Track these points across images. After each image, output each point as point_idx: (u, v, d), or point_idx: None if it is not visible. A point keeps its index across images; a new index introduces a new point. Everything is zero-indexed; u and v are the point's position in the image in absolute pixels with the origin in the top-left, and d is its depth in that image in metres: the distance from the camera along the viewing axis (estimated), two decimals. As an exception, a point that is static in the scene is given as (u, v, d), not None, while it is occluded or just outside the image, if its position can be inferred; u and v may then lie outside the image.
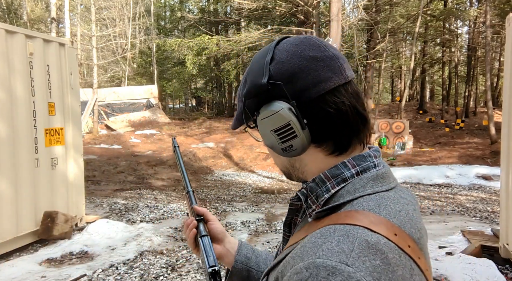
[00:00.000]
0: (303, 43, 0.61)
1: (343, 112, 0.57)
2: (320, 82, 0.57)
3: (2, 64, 3.88)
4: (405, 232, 0.53)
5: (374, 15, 16.73)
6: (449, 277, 3.28)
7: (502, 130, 3.63)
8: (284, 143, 0.60)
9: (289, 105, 0.57)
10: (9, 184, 3.95)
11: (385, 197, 0.56)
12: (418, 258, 0.52)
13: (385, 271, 0.46)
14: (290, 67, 0.58)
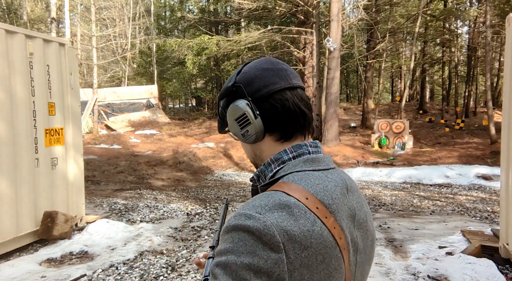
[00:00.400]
0: (261, 60, 0.83)
1: (286, 108, 0.76)
2: (269, 84, 0.77)
3: (2, 64, 3.88)
4: (316, 198, 0.68)
5: (374, 15, 16.73)
6: (449, 277, 3.29)
7: (502, 130, 3.63)
8: (242, 129, 0.78)
9: (246, 101, 0.76)
10: (9, 184, 3.95)
11: (309, 174, 0.72)
12: (325, 217, 0.66)
13: (288, 219, 0.63)
14: (249, 75, 0.79)
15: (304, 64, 16.75)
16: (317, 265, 0.63)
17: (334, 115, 13.29)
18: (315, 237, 0.63)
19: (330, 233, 0.65)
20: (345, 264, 0.67)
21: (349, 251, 0.69)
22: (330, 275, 0.65)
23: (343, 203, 0.72)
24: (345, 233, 0.68)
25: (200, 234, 5.01)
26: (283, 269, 0.60)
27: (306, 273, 0.62)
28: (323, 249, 0.64)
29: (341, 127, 17.45)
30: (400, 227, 5.23)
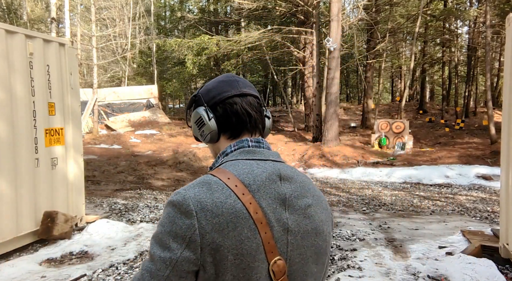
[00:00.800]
0: (221, 75, 0.99)
1: (234, 111, 0.90)
2: (222, 93, 0.92)
3: (2, 64, 3.88)
4: (238, 178, 0.80)
5: (374, 15, 16.72)
6: (449, 277, 3.29)
7: (502, 130, 3.63)
8: (199, 130, 0.93)
9: (203, 107, 0.92)
10: (9, 184, 3.95)
11: (240, 161, 0.85)
12: (242, 194, 0.77)
13: (204, 192, 0.77)
14: (207, 87, 0.96)
15: (304, 64, 16.75)
16: (229, 231, 0.74)
17: (334, 115, 13.29)
18: (227, 207, 0.75)
19: (244, 207, 0.76)
20: (261, 236, 0.77)
21: (271, 227, 0.78)
22: (241, 242, 0.75)
23: (269, 187, 0.81)
24: (264, 210, 0.78)
25: (200, 234, 5.00)
26: (194, 232, 0.74)
27: (217, 237, 0.74)
28: (235, 218, 0.75)
29: (341, 127, 17.45)
30: (400, 227, 5.23)
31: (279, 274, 0.79)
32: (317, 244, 0.86)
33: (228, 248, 0.74)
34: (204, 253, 0.74)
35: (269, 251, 0.78)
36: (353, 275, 3.51)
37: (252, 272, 0.76)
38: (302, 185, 0.87)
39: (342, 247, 4.38)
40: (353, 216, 6.02)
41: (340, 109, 20.59)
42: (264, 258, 0.77)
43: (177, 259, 0.74)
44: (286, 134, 16.97)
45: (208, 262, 0.74)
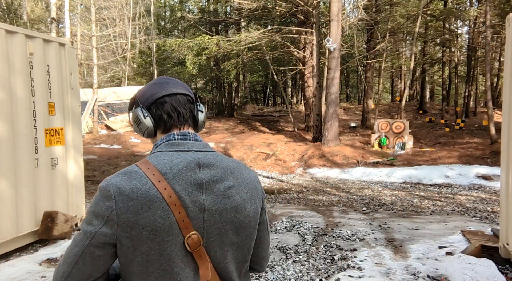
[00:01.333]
0: (154, 79, 1.14)
1: (165, 109, 1.05)
2: (154, 94, 1.07)
3: (2, 64, 3.88)
4: (156, 168, 0.94)
5: (374, 15, 16.72)
6: (449, 277, 3.28)
7: (502, 130, 3.63)
8: (138, 127, 1.08)
9: (139, 108, 1.07)
10: (9, 184, 3.95)
11: (163, 153, 0.99)
12: (158, 181, 0.92)
13: (124, 180, 0.93)
14: (142, 90, 1.11)
15: (304, 64, 16.75)
16: (143, 212, 0.90)
17: (334, 115, 13.29)
18: (142, 193, 0.90)
19: (158, 192, 0.91)
20: (175, 216, 0.91)
21: (185, 208, 0.93)
22: (155, 221, 0.90)
23: (186, 174, 0.96)
24: (178, 194, 0.93)
25: (200, 234, 5.00)
26: (112, 212, 0.90)
27: (131, 216, 0.89)
28: (149, 202, 0.90)
29: (341, 127, 17.45)
30: (400, 227, 5.23)
31: (193, 246, 0.94)
32: (237, 219, 1.00)
33: (142, 226, 0.89)
34: (119, 230, 0.90)
35: (184, 228, 0.93)
36: (353, 275, 3.51)
37: (167, 244, 0.92)
38: (224, 170, 1.01)
39: (342, 247, 4.38)
40: (353, 216, 6.02)
41: (340, 109, 20.60)
42: (178, 233, 0.92)
43: (95, 232, 0.91)
44: (286, 134, 16.97)
45: (124, 236, 0.90)
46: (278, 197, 7.99)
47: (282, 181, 10.30)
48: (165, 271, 0.92)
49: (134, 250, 0.91)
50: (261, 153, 13.27)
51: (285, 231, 5.09)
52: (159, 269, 0.92)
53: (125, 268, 0.95)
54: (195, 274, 0.96)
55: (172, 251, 0.92)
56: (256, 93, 37.81)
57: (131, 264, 0.92)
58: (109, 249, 0.93)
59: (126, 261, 0.93)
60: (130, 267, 0.93)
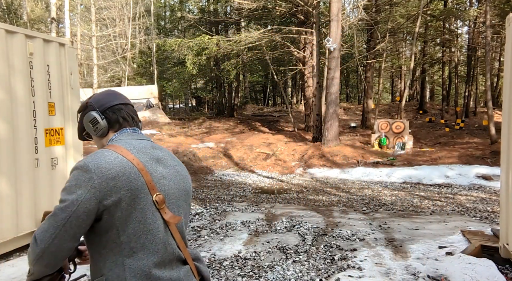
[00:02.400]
0: (105, 90, 1.40)
1: (121, 114, 1.34)
2: (110, 101, 1.34)
3: (2, 64, 3.88)
4: (123, 147, 1.21)
5: (374, 15, 16.72)
6: (449, 277, 3.29)
7: (502, 130, 3.63)
8: (94, 127, 1.31)
9: (95, 111, 1.31)
10: (9, 184, 3.95)
11: (123, 140, 1.26)
12: (127, 155, 1.18)
13: (100, 157, 1.15)
14: (97, 97, 1.35)
15: (304, 64, 16.75)
16: (119, 177, 1.13)
17: (334, 115, 13.29)
18: (116, 163, 1.14)
19: (129, 161, 1.17)
20: (145, 179, 1.17)
21: (150, 174, 1.19)
22: (130, 182, 1.14)
23: (146, 151, 1.25)
24: (144, 163, 1.20)
25: (200, 234, 5.01)
26: (94, 182, 1.11)
27: (110, 182, 1.11)
28: (123, 169, 1.14)
29: (341, 127, 17.45)
30: (400, 227, 5.23)
31: (161, 203, 1.20)
32: (185, 188, 1.32)
33: (120, 187, 1.12)
34: (101, 194, 1.11)
35: (151, 188, 1.18)
36: (353, 275, 3.51)
37: (140, 200, 1.15)
38: (169, 154, 1.34)
39: (342, 247, 4.38)
40: (353, 216, 6.02)
41: (340, 109, 20.59)
42: (148, 192, 1.17)
43: (81, 199, 1.10)
44: (286, 134, 16.98)
45: (106, 199, 1.11)
46: (278, 197, 7.99)
47: (282, 181, 10.30)
48: (139, 222, 1.15)
49: (116, 207, 1.11)
50: (261, 153, 13.27)
51: (285, 231, 5.09)
52: (135, 220, 1.14)
53: (106, 225, 1.14)
54: (165, 226, 1.21)
55: (144, 206, 1.16)
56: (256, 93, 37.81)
57: (113, 219, 1.12)
58: (92, 214, 1.12)
59: (108, 218, 1.13)
60: (113, 223, 1.13)
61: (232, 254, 4.21)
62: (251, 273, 3.68)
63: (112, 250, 1.15)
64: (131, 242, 1.15)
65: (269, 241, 4.65)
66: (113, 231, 1.14)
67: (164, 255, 1.20)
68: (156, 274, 1.17)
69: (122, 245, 1.14)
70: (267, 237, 4.81)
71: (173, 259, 1.23)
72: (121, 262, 1.15)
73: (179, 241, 1.26)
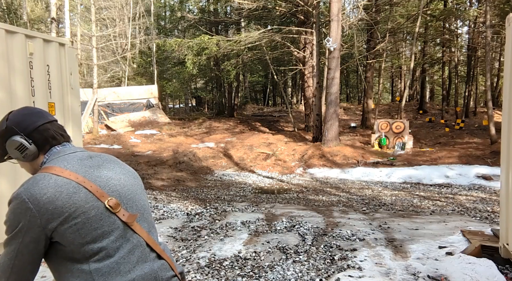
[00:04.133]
0: (21, 109, 1.28)
1: (49, 134, 1.25)
2: (34, 122, 1.23)
3: (2, 64, 3.88)
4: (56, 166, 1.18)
5: (374, 15, 16.72)
6: (449, 277, 3.29)
7: (502, 130, 3.63)
8: (22, 154, 1.22)
9: (19, 136, 1.21)
10: (9, 184, 3.95)
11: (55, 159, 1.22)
12: (61, 172, 1.14)
13: (32, 185, 1.11)
14: (16, 119, 1.23)
15: (304, 64, 16.74)
16: (57, 198, 1.10)
17: (334, 115, 13.29)
18: (50, 186, 1.11)
19: (65, 178, 1.13)
20: (89, 189, 1.14)
21: (94, 181, 1.17)
22: (70, 198, 1.11)
23: (83, 162, 1.21)
24: (84, 175, 1.16)
25: (200, 234, 5.01)
26: (32, 211, 1.09)
27: (49, 206, 1.09)
28: (59, 188, 1.11)
29: (341, 127, 17.45)
30: (400, 227, 5.23)
31: (115, 207, 1.18)
32: (137, 183, 1.32)
33: (62, 206, 1.10)
34: (44, 221, 1.09)
35: (100, 196, 1.16)
36: (353, 275, 3.51)
37: (91, 210, 1.13)
38: (108, 158, 1.30)
39: (342, 247, 4.38)
40: (353, 216, 6.02)
41: (340, 109, 20.59)
42: (96, 200, 1.15)
43: (25, 229, 1.09)
44: (286, 134, 16.97)
45: (51, 221, 1.09)
46: (278, 197, 7.99)
47: (282, 181, 10.30)
48: (96, 228, 1.14)
49: (65, 226, 1.10)
50: (261, 153, 13.27)
51: (285, 231, 5.10)
52: (91, 229, 1.13)
53: (63, 242, 1.13)
54: (125, 226, 1.20)
55: (96, 213, 1.14)
56: (256, 93, 37.81)
57: (67, 236, 1.11)
58: (40, 240, 1.12)
59: (62, 237, 1.12)
60: (68, 239, 1.12)
61: (232, 254, 4.21)
62: (251, 273, 3.68)
63: (77, 260, 1.15)
64: (94, 248, 1.14)
65: (269, 241, 4.65)
66: (72, 245, 1.13)
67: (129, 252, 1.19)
68: (128, 268, 1.17)
69: (86, 253, 1.14)
70: (267, 237, 4.81)
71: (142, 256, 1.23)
72: (87, 268, 1.14)
73: (147, 239, 1.24)
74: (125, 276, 1.17)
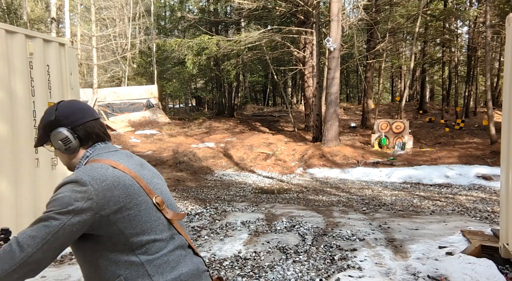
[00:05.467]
0: (72, 102, 1.33)
1: (95, 131, 1.30)
2: (81, 118, 1.28)
3: (2, 64, 3.88)
4: (108, 159, 1.22)
5: (374, 15, 16.72)
6: (449, 277, 3.29)
7: (502, 130, 3.63)
8: (65, 146, 1.26)
9: (66, 128, 1.26)
10: (9, 184, 3.95)
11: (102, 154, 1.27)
12: (116, 165, 1.20)
13: (91, 170, 1.15)
14: (65, 112, 1.28)
15: (304, 64, 16.74)
16: (115, 187, 1.14)
17: (334, 115, 13.29)
18: (109, 174, 1.15)
19: (121, 171, 1.19)
20: (140, 184, 1.21)
21: (143, 178, 1.24)
22: (127, 189, 1.16)
23: (129, 159, 1.28)
24: (134, 170, 1.23)
25: (200, 234, 5.01)
26: (90, 193, 1.10)
27: (107, 193, 1.12)
28: (117, 179, 1.16)
29: (341, 127, 17.45)
30: (400, 227, 5.23)
31: (161, 204, 1.24)
32: (165, 185, 1.38)
33: (118, 196, 1.14)
34: (98, 205, 1.11)
35: (149, 192, 1.22)
36: (353, 275, 3.51)
37: (142, 203, 1.19)
38: (143, 160, 1.38)
39: (342, 247, 4.38)
40: (353, 216, 6.02)
41: (340, 109, 20.59)
42: (146, 196, 1.21)
43: (78, 209, 1.09)
44: (286, 134, 16.97)
45: (105, 208, 1.12)
46: (278, 197, 7.99)
47: (282, 181, 10.30)
48: (145, 221, 1.19)
49: (117, 215, 1.13)
50: (261, 153, 13.27)
51: (285, 231, 5.09)
52: (141, 221, 1.18)
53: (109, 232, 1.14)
54: (169, 224, 1.26)
55: (146, 207, 1.20)
56: (256, 93, 37.81)
57: (117, 226, 1.14)
58: (86, 225, 1.11)
59: (111, 226, 1.13)
60: (118, 229, 1.14)
61: (232, 254, 4.21)
62: (251, 273, 3.68)
63: (122, 252, 1.16)
64: (142, 240, 1.18)
65: (269, 241, 4.65)
66: (120, 236, 1.15)
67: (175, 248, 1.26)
68: (177, 263, 1.24)
69: (133, 245, 1.17)
70: (267, 237, 4.81)
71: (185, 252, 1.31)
72: (137, 260, 1.17)
73: (185, 236, 1.31)
74: (175, 270, 1.22)
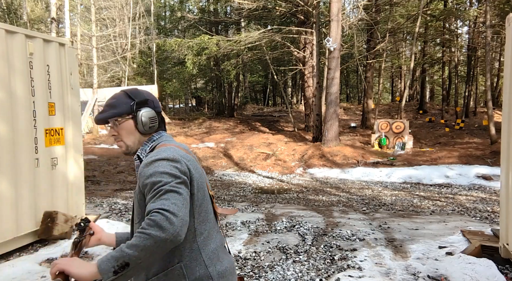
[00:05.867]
0: (148, 91, 1.47)
1: (161, 118, 1.43)
2: (159, 106, 1.42)
3: (2, 64, 3.88)
4: (179, 146, 1.34)
5: (374, 15, 16.71)
6: (449, 277, 3.29)
7: (502, 130, 3.63)
8: (151, 124, 1.38)
9: (151, 109, 1.39)
10: (9, 184, 3.95)
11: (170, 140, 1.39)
12: (187, 153, 1.33)
13: (176, 150, 1.28)
14: (150, 97, 1.43)
15: (304, 64, 16.74)
16: (195, 168, 1.29)
17: (334, 115, 13.29)
18: (190, 158, 1.30)
19: (192, 156, 1.33)
20: (203, 170, 1.37)
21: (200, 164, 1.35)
22: (201, 175, 1.32)
23: (188, 152, 1.36)
24: (196, 159, 1.37)
25: (200, 234, 5.00)
26: (187, 168, 1.25)
27: (193, 171, 1.27)
28: (194, 162, 1.30)
29: (341, 127, 17.45)
30: (400, 227, 5.23)
31: (214, 197, 1.40)
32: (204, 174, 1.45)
33: (197, 178, 1.28)
34: (190, 179, 1.24)
35: (208, 185, 1.36)
36: (353, 275, 3.51)
37: (206, 192, 1.32)
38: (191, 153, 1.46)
39: (342, 247, 4.38)
40: (353, 216, 6.02)
41: (340, 109, 20.59)
42: (206, 188, 1.33)
43: (185, 180, 1.21)
44: (286, 134, 16.97)
45: (191, 183, 1.25)
46: (278, 197, 7.99)
47: (282, 181, 10.30)
48: (205, 211, 1.30)
49: (192, 196, 1.25)
50: (261, 153, 13.26)
51: (285, 231, 5.09)
52: (203, 210, 1.29)
53: None
54: (215, 218, 1.38)
55: (206, 195, 1.32)
56: (256, 93, 37.81)
57: (193, 205, 1.25)
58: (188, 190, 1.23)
59: None
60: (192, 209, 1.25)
61: (232, 254, 4.20)
62: (251, 273, 3.68)
63: (187, 238, 1.23)
64: (201, 229, 1.27)
65: (269, 241, 4.65)
66: (191, 218, 1.22)
67: (220, 243, 1.37)
68: (223, 257, 1.34)
69: (196, 232, 1.26)
70: (267, 237, 4.81)
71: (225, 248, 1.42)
72: (196, 247, 1.25)
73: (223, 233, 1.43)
74: (222, 263, 1.31)
